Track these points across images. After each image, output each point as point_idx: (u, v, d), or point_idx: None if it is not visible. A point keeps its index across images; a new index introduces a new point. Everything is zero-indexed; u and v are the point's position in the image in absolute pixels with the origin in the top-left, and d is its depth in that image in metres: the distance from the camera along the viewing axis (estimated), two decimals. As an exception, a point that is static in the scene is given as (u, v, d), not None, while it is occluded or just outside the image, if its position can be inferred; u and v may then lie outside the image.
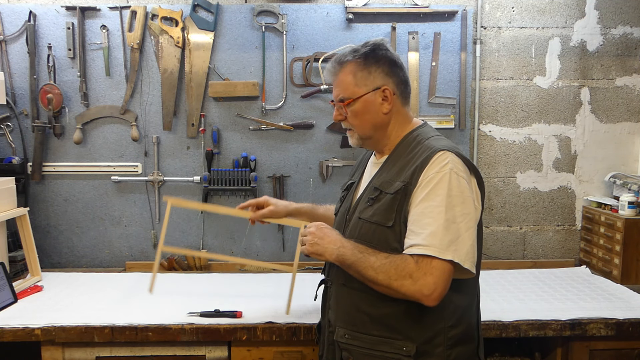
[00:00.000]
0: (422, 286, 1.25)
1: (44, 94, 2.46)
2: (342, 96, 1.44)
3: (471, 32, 2.53)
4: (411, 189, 1.32)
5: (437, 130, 1.54)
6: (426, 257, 1.25)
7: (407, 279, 1.25)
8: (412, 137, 1.44)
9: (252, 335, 1.84)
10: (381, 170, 1.45)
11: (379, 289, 1.32)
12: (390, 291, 1.29)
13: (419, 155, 1.36)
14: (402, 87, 1.45)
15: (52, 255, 2.58)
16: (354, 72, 1.41)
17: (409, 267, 1.26)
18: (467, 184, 1.31)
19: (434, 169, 1.30)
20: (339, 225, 1.52)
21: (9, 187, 2.22)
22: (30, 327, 1.82)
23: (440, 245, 1.25)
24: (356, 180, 1.58)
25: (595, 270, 2.48)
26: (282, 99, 2.53)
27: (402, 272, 1.26)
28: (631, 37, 2.58)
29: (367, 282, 1.33)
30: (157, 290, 2.20)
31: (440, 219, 1.26)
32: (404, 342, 1.33)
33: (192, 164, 2.57)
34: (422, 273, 1.25)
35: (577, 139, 2.63)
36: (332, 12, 2.50)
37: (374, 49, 1.42)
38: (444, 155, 1.31)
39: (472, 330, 1.42)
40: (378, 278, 1.29)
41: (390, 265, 1.28)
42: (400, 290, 1.27)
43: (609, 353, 1.94)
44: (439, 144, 1.36)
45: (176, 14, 2.45)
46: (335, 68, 1.45)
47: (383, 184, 1.39)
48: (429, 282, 1.24)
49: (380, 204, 1.36)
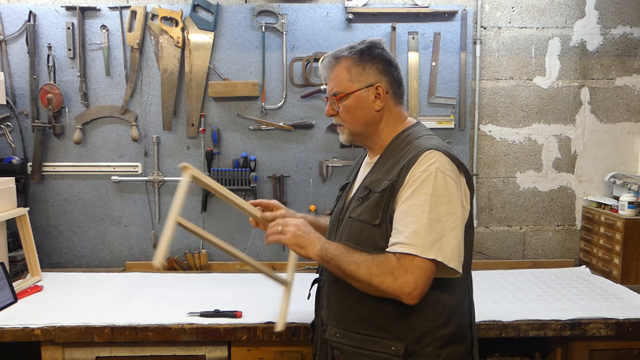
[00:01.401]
0: (403, 284, 1.24)
1: (44, 94, 2.46)
2: (335, 90, 1.45)
3: (471, 32, 2.53)
4: (398, 187, 1.32)
5: (434, 130, 1.54)
6: (408, 256, 1.25)
7: (389, 275, 1.25)
8: (403, 137, 1.45)
9: (252, 335, 1.84)
10: (373, 169, 1.46)
11: (359, 285, 1.31)
12: (371, 288, 1.29)
13: (407, 154, 1.36)
14: (396, 86, 1.46)
15: (52, 255, 2.58)
16: (349, 68, 1.43)
17: (391, 264, 1.26)
18: (454, 183, 1.30)
19: (420, 167, 1.30)
20: (333, 225, 1.53)
21: (9, 187, 2.22)
22: (30, 327, 1.82)
23: (423, 244, 1.24)
24: (351, 180, 1.59)
25: (595, 270, 2.48)
26: (282, 99, 2.53)
27: (384, 269, 1.26)
28: (631, 37, 2.58)
29: (348, 278, 1.32)
30: (157, 291, 2.21)
31: (424, 217, 1.26)
32: (393, 341, 1.33)
33: (192, 164, 2.53)
34: (403, 271, 1.24)
35: (577, 139, 2.63)
36: (332, 12, 2.50)
37: (370, 47, 1.44)
38: (432, 154, 1.31)
39: (464, 330, 1.42)
40: (359, 273, 1.28)
41: (372, 262, 1.28)
42: (381, 287, 1.26)
43: (609, 353, 1.94)
44: (427, 143, 1.36)
45: (176, 14, 2.45)
46: (330, 62, 1.46)
47: (372, 183, 1.40)
48: (409, 280, 1.24)
49: (369, 203, 1.37)
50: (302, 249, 1.38)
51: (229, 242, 2.56)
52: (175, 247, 2.59)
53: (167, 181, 2.56)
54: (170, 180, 2.56)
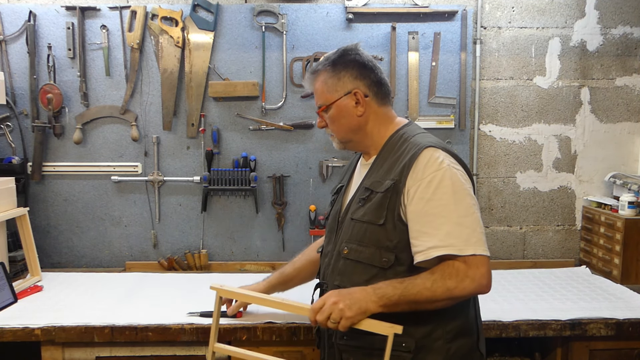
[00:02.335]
0: (481, 278, 1.28)
1: (44, 94, 2.45)
2: (319, 103, 1.49)
3: (471, 32, 2.53)
4: (401, 186, 1.34)
5: (434, 130, 1.57)
6: (469, 256, 1.28)
7: (466, 280, 1.27)
8: (397, 136, 1.46)
9: (252, 335, 1.84)
10: (371, 170, 1.46)
11: (436, 305, 1.30)
12: (449, 302, 1.30)
13: (406, 153, 1.38)
14: (376, 88, 1.47)
15: (52, 255, 2.58)
16: (325, 80, 1.46)
17: (460, 268, 1.27)
18: (465, 175, 1.35)
19: (431, 167, 1.31)
20: (332, 229, 1.53)
21: (9, 187, 2.22)
22: (30, 327, 1.82)
23: (465, 242, 1.28)
24: (345, 183, 1.59)
25: (595, 270, 2.48)
26: (282, 99, 2.53)
27: (457, 277, 1.27)
28: (631, 37, 2.58)
29: (422, 304, 1.29)
30: (157, 291, 2.21)
31: (453, 216, 1.29)
32: (403, 337, 1.33)
33: (192, 164, 2.57)
34: (474, 269, 1.28)
35: (577, 139, 2.63)
36: (332, 12, 2.50)
37: (342, 55, 1.46)
38: (435, 152, 1.34)
39: (471, 323, 1.43)
40: (436, 294, 1.27)
41: (440, 278, 1.27)
42: (462, 294, 1.28)
43: (609, 353, 1.94)
44: (424, 141, 1.38)
45: (176, 14, 2.45)
46: (310, 78, 1.51)
47: (374, 184, 1.40)
48: (483, 272, 1.28)
49: (371, 203, 1.38)
50: (364, 313, 1.29)
51: (229, 242, 2.61)
52: (175, 247, 2.60)
53: (167, 181, 2.56)
54: (170, 180, 2.56)
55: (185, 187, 2.57)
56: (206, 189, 2.51)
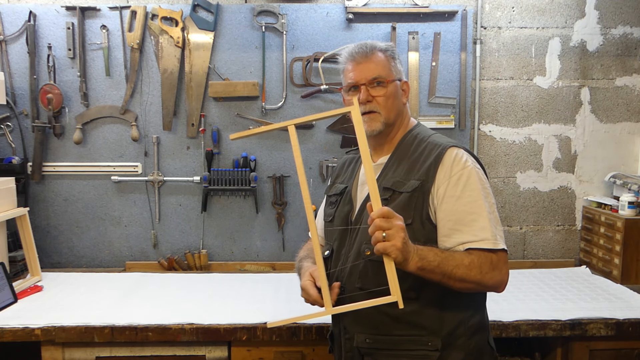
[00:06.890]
0: (504, 275, 1.32)
1: (44, 94, 2.46)
2: (380, 75, 1.44)
3: (471, 32, 2.53)
4: (429, 186, 1.35)
5: (434, 130, 1.58)
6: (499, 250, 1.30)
7: (495, 270, 1.30)
8: (412, 136, 1.48)
9: (252, 335, 1.84)
10: (386, 170, 1.45)
11: (462, 286, 1.29)
12: (475, 287, 1.31)
13: (428, 153, 1.40)
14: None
15: (52, 255, 2.58)
16: (388, 59, 1.48)
17: (492, 259, 1.30)
18: (484, 175, 1.40)
19: (457, 166, 1.35)
20: (343, 231, 1.48)
21: (9, 187, 2.22)
22: (30, 327, 1.82)
23: (493, 236, 1.31)
24: (349, 184, 1.55)
25: (595, 270, 2.48)
26: (282, 99, 2.53)
27: (490, 265, 1.29)
28: (631, 37, 2.58)
29: (452, 281, 1.27)
30: (157, 291, 2.21)
31: (484, 212, 1.32)
32: (429, 337, 1.34)
33: (192, 164, 2.57)
34: (502, 263, 1.31)
35: (577, 139, 2.63)
36: (332, 12, 2.50)
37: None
38: (460, 152, 1.37)
39: (485, 318, 1.46)
40: (470, 275, 1.27)
41: (477, 260, 1.28)
42: (489, 283, 1.30)
43: (609, 353, 1.94)
44: (444, 141, 1.42)
45: (176, 14, 2.45)
46: (369, 50, 1.47)
47: (395, 184, 1.39)
48: (507, 270, 1.33)
49: (396, 203, 1.36)
50: (405, 260, 1.19)
51: (229, 242, 2.61)
52: (175, 247, 2.60)
53: (167, 181, 2.56)
54: (170, 180, 2.56)
55: (185, 187, 2.57)
56: (206, 189, 2.51)
